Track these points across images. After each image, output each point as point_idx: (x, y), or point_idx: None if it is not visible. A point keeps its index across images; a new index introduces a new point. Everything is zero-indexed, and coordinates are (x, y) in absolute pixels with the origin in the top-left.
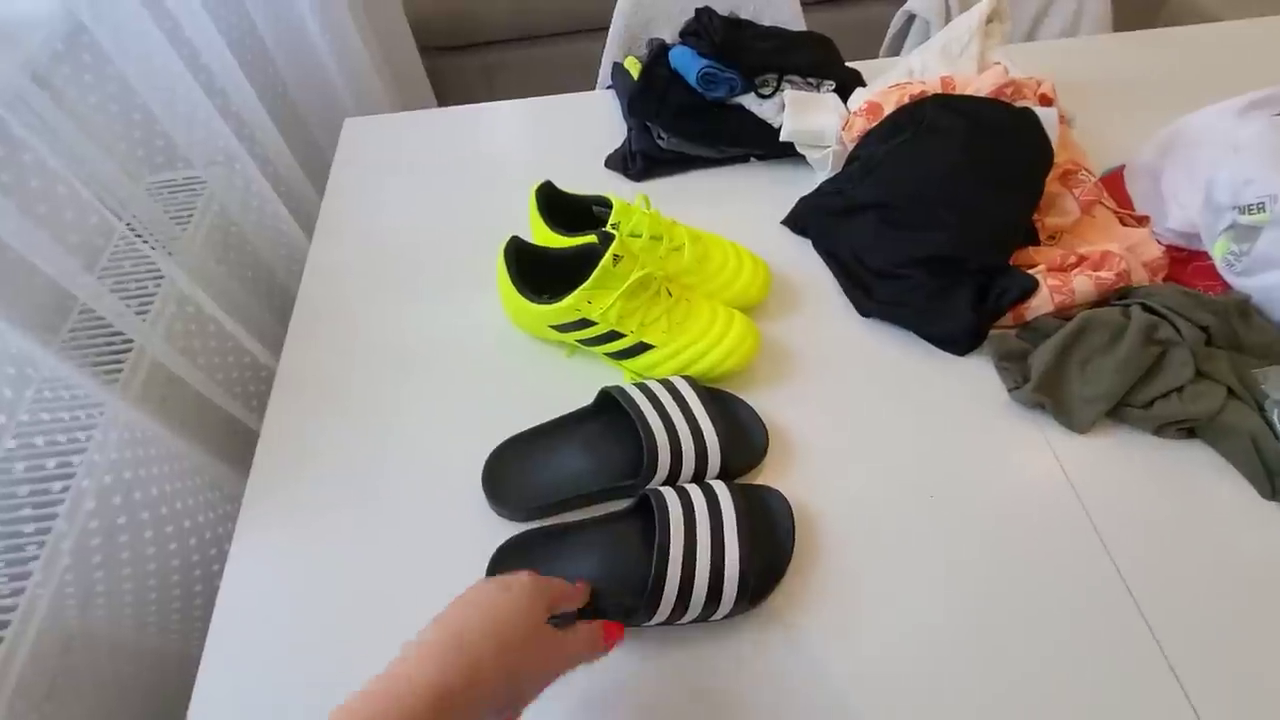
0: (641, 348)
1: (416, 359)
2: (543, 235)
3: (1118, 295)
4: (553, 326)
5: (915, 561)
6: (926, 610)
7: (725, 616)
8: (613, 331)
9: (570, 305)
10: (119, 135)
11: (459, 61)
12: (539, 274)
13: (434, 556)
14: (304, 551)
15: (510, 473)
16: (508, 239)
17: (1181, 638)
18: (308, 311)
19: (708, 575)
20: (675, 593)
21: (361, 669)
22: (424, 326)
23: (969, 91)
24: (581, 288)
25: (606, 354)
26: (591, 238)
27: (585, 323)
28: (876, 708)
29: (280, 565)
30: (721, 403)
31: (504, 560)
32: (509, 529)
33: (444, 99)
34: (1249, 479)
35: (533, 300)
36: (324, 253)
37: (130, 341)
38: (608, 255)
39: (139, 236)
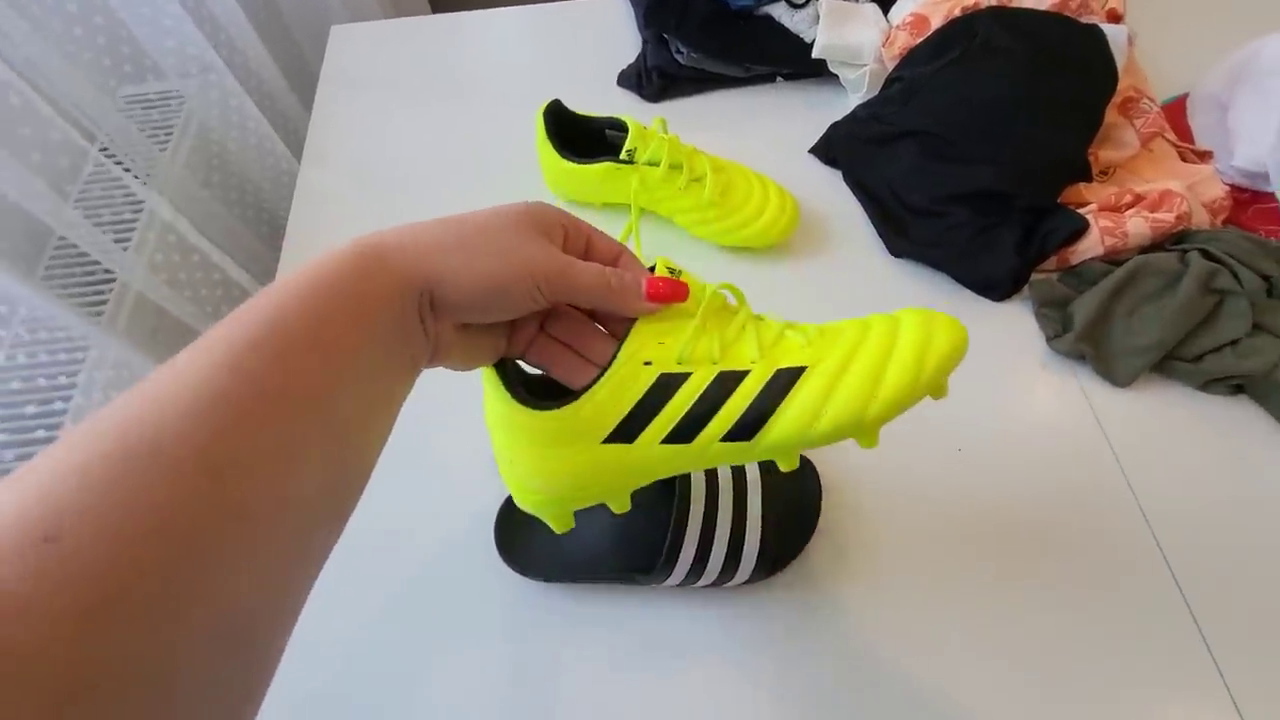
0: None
1: None
2: (551, 161)
3: (1174, 239)
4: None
5: (940, 519)
6: (950, 570)
7: (743, 583)
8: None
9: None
10: (82, 44)
11: None
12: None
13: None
14: None
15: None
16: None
17: (1215, 603)
18: (298, 245)
19: (728, 537)
20: (693, 554)
21: None
22: None
23: (1029, 3)
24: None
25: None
26: (607, 165)
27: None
28: (895, 676)
29: None
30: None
31: (508, 521)
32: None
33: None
34: None
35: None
36: (314, 179)
37: (112, 275)
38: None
39: (114, 159)
